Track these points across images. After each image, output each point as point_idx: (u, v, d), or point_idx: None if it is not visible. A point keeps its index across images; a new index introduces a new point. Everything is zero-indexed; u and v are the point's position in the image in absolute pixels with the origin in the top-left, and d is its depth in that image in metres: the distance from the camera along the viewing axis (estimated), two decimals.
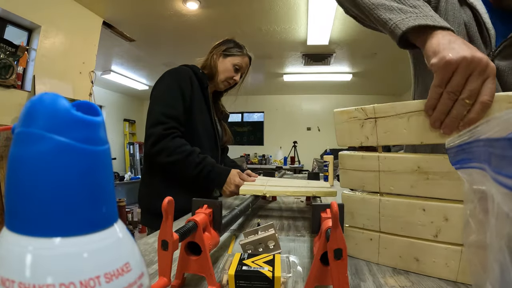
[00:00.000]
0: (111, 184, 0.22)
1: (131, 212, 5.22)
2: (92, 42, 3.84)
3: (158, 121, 1.29)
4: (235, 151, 8.20)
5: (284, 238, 0.79)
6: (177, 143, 1.28)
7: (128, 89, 7.40)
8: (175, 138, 1.29)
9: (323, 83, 7.28)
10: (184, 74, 1.40)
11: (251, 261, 0.52)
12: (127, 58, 5.72)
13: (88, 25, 3.77)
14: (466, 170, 0.26)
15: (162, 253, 0.44)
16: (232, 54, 1.51)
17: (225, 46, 1.53)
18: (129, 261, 0.21)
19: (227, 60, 1.51)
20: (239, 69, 1.52)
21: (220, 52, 1.52)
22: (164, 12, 3.89)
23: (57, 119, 0.19)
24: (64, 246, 0.19)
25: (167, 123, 1.29)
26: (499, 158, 0.19)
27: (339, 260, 0.41)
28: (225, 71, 1.50)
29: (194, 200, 0.58)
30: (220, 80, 1.51)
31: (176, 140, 1.29)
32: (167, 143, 1.27)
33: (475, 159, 0.24)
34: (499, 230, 0.18)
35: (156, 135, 1.27)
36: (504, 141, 0.18)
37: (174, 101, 1.34)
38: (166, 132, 1.28)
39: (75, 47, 3.55)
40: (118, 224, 0.23)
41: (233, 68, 1.50)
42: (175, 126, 1.30)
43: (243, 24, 4.26)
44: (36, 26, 3.11)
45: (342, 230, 0.41)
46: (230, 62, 1.50)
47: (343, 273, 0.41)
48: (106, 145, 0.21)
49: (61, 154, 0.19)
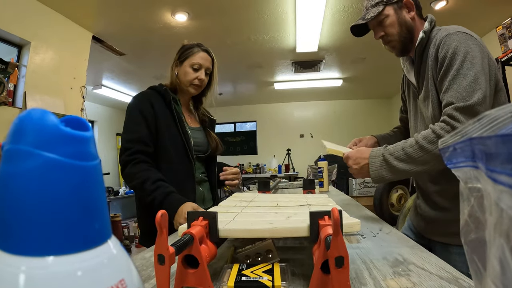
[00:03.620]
0: (103, 200, 0.22)
1: (127, 227, 5.17)
2: (82, 57, 3.83)
3: (124, 148, 1.34)
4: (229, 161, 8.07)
5: (282, 246, 0.79)
6: (136, 169, 1.31)
7: (119, 103, 7.37)
8: (136, 164, 1.32)
9: (314, 89, 7.33)
10: (142, 98, 1.45)
11: (250, 271, 0.52)
12: (118, 72, 5.71)
13: (78, 40, 3.77)
14: (460, 169, 0.26)
15: (159, 267, 0.43)
16: (186, 57, 1.50)
17: (178, 54, 1.53)
18: (124, 277, 0.21)
19: (184, 65, 1.50)
20: (199, 67, 1.49)
21: (176, 61, 1.53)
22: (153, 25, 3.90)
23: (46, 135, 0.18)
24: (57, 265, 0.18)
25: (131, 148, 1.33)
26: (493, 156, 0.19)
27: (340, 268, 0.40)
28: (185, 75, 1.49)
29: (189, 213, 0.57)
30: (186, 86, 1.50)
31: (136, 166, 1.32)
32: (129, 169, 1.32)
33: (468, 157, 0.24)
34: (497, 228, 0.18)
35: (122, 163, 1.34)
36: (496, 138, 0.18)
37: (136, 126, 1.38)
38: (129, 158, 1.32)
39: (66, 63, 3.54)
40: (112, 240, 0.22)
41: (192, 69, 1.48)
42: (139, 149, 1.33)
43: (232, 34, 4.29)
44: (26, 42, 3.10)
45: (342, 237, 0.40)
46: (187, 65, 1.49)
47: (345, 281, 0.40)
48: (97, 160, 0.21)
49: (50, 170, 0.18)
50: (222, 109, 8.35)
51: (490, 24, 3.95)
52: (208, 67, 1.52)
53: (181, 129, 1.45)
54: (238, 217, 0.68)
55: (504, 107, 0.21)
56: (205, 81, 1.53)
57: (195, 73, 1.49)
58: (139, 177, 1.29)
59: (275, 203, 0.91)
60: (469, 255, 0.25)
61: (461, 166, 0.26)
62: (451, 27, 1.10)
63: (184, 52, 1.51)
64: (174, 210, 1.22)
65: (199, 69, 1.49)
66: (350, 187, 5.63)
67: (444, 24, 1.16)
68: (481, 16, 3.84)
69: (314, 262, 0.46)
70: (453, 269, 0.57)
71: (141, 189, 1.29)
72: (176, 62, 1.53)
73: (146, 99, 1.43)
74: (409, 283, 0.52)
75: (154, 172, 1.32)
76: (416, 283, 0.52)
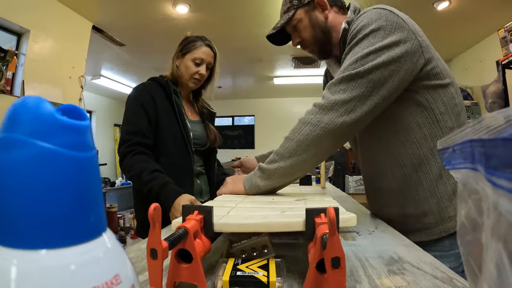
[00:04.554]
0: (99, 192, 0.21)
1: (123, 218, 5.17)
2: (82, 46, 3.80)
3: (123, 140, 1.34)
4: (226, 155, 8.17)
5: (278, 243, 0.79)
6: (134, 161, 1.31)
7: (118, 94, 7.33)
8: (135, 155, 1.32)
9: (314, 85, 7.29)
10: (143, 90, 1.44)
11: (245, 266, 0.52)
12: (117, 63, 5.68)
13: (78, 29, 3.74)
14: (459, 171, 0.26)
15: (152, 262, 0.43)
16: (188, 50, 1.48)
17: (181, 46, 1.51)
18: (119, 273, 0.20)
19: (185, 58, 1.48)
20: (200, 62, 1.48)
21: (178, 54, 1.51)
22: (154, 16, 3.87)
23: (41, 124, 0.18)
24: (50, 258, 0.18)
25: (130, 140, 1.33)
26: (493, 159, 0.19)
27: (337, 269, 0.39)
28: (187, 69, 1.48)
29: (184, 206, 0.56)
30: (186, 80, 1.49)
31: (135, 157, 1.31)
32: (128, 160, 1.32)
33: (468, 159, 0.24)
34: (494, 231, 0.18)
35: (121, 154, 1.34)
36: (497, 141, 0.18)
37: (136, 118, 1.37)
38: (127, 150, 1.32)
39: (65, 52, 3.51)
40: (107, 233, 0.22)
41: (193, 63, 1.47)
42: (138, 141, 1.33)
43: (233, 27, 4.27)
44: (25, 31, 3.07)
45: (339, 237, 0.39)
46: (189, 59, 1.47)
47: (341, 282, 0.40)
48: (93, 151, 0.20)
49: (45, 160, 0.18)
50: (220, 102, 8.32)
51: (492, 26, 3.93)
52: (210, 62, 1.51)
53: (181, 122, 1.44)
54: (232, 211, 0.68)
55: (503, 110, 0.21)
56: (205, 76, 1.51)
57: (196, 67, 1.47)
58: (136, 167, 1.29)
59: (271, 198, 0.91)
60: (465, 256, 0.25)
61: (459, 167, 0.25)
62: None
63: (187, 45, 1.49)
64: (170, 202, 1.22)
65: (200, 64, 1.48)
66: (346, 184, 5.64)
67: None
68: (484, 17, 3.81)
69: (310, 260, 0.46)
70: (448, 269, 0.57)
71: (138, 180, 1.29)
72: (177, 54, 1.51)
73: (146, 90, 1.43)
74: (404, 282, 0.52)
75: (152, 163, 1.32)
76: (410, 282, 0.52)
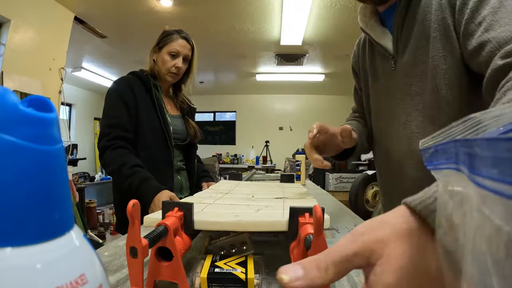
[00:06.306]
0: (65, 188, 0.20)
1: (102, 214, 5.07)
2: (63, 38, 3.70)
3: (103, 134, 1.32)
4: (207, 150, 8.15)
5: (258, 239, 0.78)
6: (114, 155, 1.29)
7: (99, 87, 7.17)
8: (115, 149, 1.30)
9: (296, 83, 7.36)
10: (122, 83, 1.42)
11: (223, 262, 0.51)
12: (99, 55, 5.56)
13: (59, 20, 3.63)
14: (441, 171, 0.26)
15: (132, 260, 0.41)
16: (164, 43, 1.47)
17: (158, 40, 1.50)
18: (84, 272, 0.19)
19: (162, 52, 1.47)
20: (176, 54, 1.47)
21: (155, 48, 1.50)
22: (137, 8, 3.80)
23: (3, 115, 0.16)
24: (14, 257, 0.17)
25: (110, 133, 1.31)
26: (477, 159, 0.18)
27: None
28: (163, 63, 1.47)
29: (164, 203, 0.55)
30: (164, 74, 1.48)
31: (115, 151, 1.30)
32: (107, 154, 1.29)
33: (451, 160, 0.23)
34: (477, 233, 0.18)
35: (100, 148, 1.32)
36: (481, 141, 0.18)
37: (116, 111, 1.35)
38: (107, 144, 1.30)
39: (45, 43, 3.41)
40: (74, 231, 0.20)
41: (170, 56, 1.46)
42: (118, 135, 1.31)
43: (217, 22, 4.24)
44: (6, 20, 2.97)
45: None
46: (165, 52, 1.46)
47: None
48: (59, 144, 0.19)
49: (6, 154, 0.16)
50: (202, 97, 8.26)
51: None
52: (187, 54, 1.49)
53: (161, 116, 1.42)
54: (207, 208, 0.67)
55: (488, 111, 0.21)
56: (182, 69, 1.50)
57: (173, 60, 1.46)
58: (116, 162, 1.27)
59: (251, 195, 0.90)
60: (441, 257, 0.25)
61: (441, 168, 0.25)
62: None
63: (163, 38, 1.48)
64: (150, 198, 1.20)
65: (176, 56, 1.46)
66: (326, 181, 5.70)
67: None
68: None
69: (292, 260, 0.45)
70: None
71: (118, 174, 1.27)
72: (155, 48, 1.50)
73: (126, 84, 1.41)
74: None
75: (132, 157, 1.30)
76: None
